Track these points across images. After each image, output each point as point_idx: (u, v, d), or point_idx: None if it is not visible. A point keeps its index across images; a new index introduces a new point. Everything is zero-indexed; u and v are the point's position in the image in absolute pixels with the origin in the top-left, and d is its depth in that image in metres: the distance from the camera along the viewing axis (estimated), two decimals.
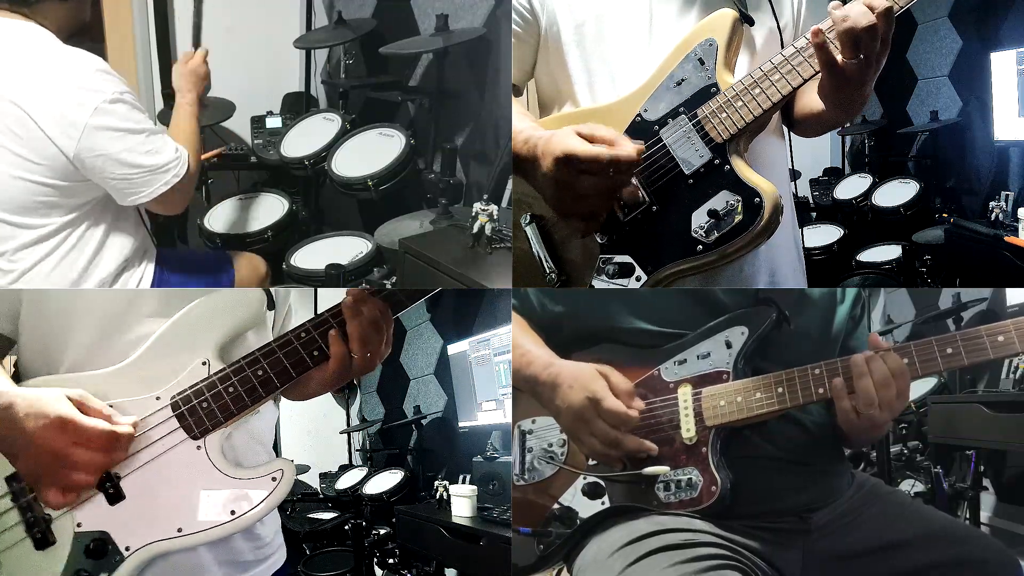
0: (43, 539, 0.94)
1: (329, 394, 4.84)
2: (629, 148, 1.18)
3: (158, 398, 0.99)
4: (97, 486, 0.96)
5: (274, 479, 1.00)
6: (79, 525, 0.95)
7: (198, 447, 0.99)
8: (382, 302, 1.02)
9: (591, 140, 1.19)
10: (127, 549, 0.95)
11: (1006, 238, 2.58)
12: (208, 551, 1.03)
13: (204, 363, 1.01)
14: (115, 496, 0.96)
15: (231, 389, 0.99)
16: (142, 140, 1.64)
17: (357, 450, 4.74)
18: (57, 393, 0.94)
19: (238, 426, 1.02)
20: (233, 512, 0.98)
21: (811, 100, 1.29)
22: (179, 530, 0.96)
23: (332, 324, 1.01)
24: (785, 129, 1.43)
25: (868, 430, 1.14)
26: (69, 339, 1.02)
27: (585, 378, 1.21)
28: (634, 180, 1.24)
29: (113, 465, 0.96)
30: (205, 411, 0.99)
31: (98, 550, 0.94)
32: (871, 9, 1.07)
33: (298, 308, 1.27)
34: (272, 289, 1.14)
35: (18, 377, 1.02)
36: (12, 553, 0.94)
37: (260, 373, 1.00)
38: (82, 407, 0.95)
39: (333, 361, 1.01)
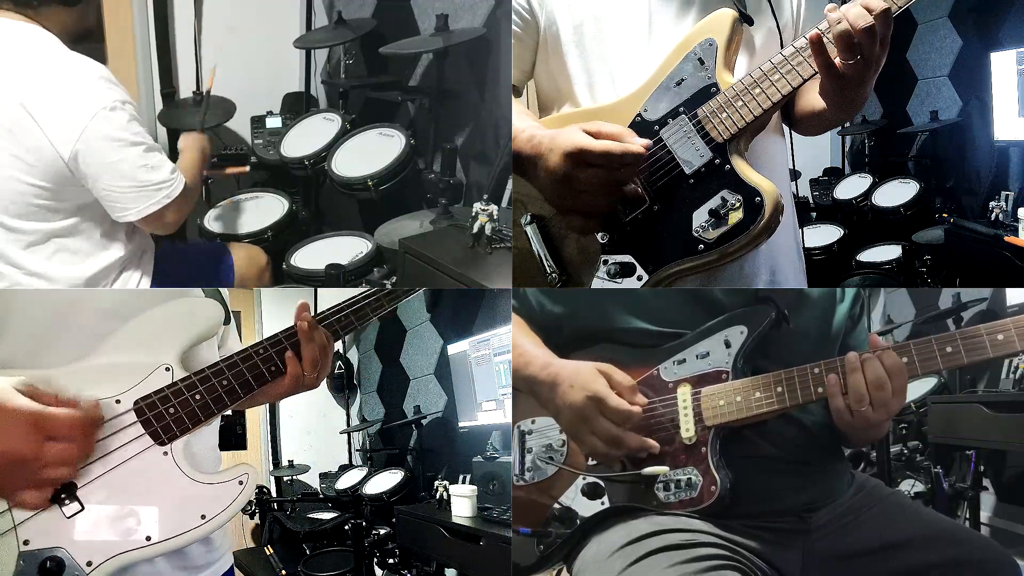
0: None
1: (329, 394, 4.86)
2: (636, 143, 1.19)
3: (118, 401, 0.95)
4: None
5: (241, 482, 0.99)
6: (26, 543, 0.87)
7: (164, 453, 0.96)
8: (326, 330, 1.09)
9: (597, 137, 1.19)
10: (89, 564, 0.89)
11: (1006, 238, 2.58)
12: (165, 558, 0.99)
13: (167, 369, 0.99)
14: (72, 507, 0.90)
15: (198, 397, 0.99)
16: (139, 153, 1.64)
17: (357, 450, 4.75)
18: (6, 385, 0.85)
19: (197, 433, 1.01)
20: (204, 516, 0.96)
21: (812, 99, 1.29)
22: (148, 538, 0.92)
23: (286, 344, 1.06)
24: (786, 128, 1.43)
25: (864, 429, 1.13)
26: (3, 330, 0.96)
27: (585, 377, 1.21)
28: (635, 179, 1.24)
29: (87, 452, 0.90)
30: (173, 417, 0.97)
31: (54, 569, 0.87)
32: (868, 11, 1.07)
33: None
34: (227, 301, 1.15)
35: None
36: None
37: (225, 383, 1.01)
38: (35, 396, 0.87)
39: (288, 378, 1.07)
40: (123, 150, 1.61)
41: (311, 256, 2.37)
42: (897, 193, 3.35)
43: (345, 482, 3.77)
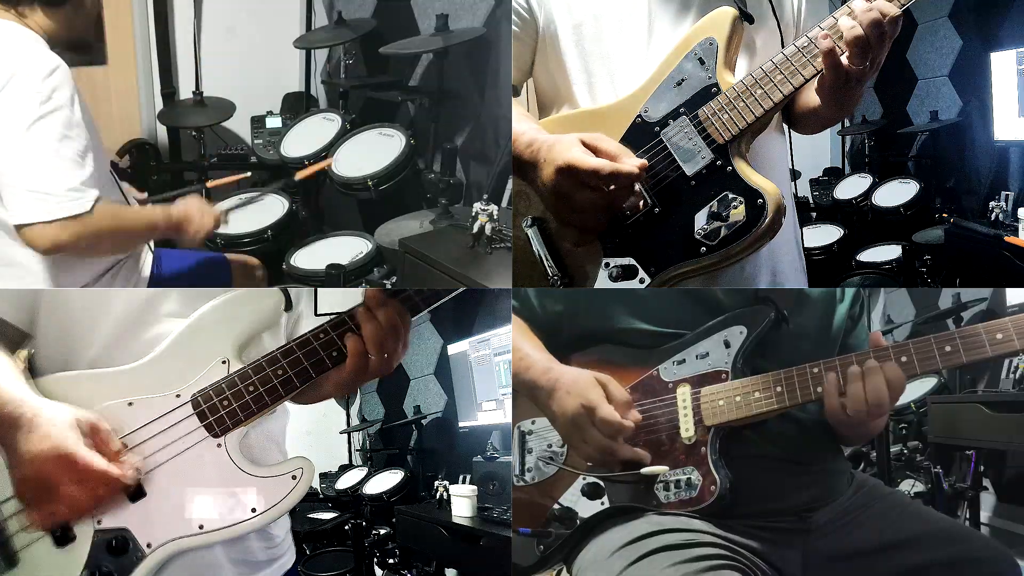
0: (63, 536, 0.94)
1: None
2: (631, 164, 1.17)
3: (178, 396, 1.00)
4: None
5: (294, 477, 1.00)
6: (99, 522, 0.95)
7: (218, 445, 0.99)
8: (400, 305, 1.02)
9: (595, 152, 1.18)
10: (148, 546, 0.95)
11: (1006, 238, 2.58)
12: (222, 549, 1.02)
13: (224, 362, 1.01)
14: (136, 493, 0.96)
15: (251, 388, 1.00)
16: (51, 151, 1.40)
17: (357, 450, 4.74)
18: (68, 419, 0.92)
19: (254, 426, 1.02)
20: (254, 510, 0.98)
21: (810, 97, 1.29)
22: (200, 527, 0.97)
23: (350, 325, 1.02)
24: (786, 128, 1.43)
25: (856, 427, 1.14)
26: (90, 337, 1.02)
27: (582, 385, 1.20)
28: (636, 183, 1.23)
29: (100, 508, 0.95)
30: (226, 410, 0.99)
31: (120, 547, 0.94)
32: (881, 15, 1.07)
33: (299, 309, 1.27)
34: (290, 291, 1.13)
35: (33, 371, 1.01)
36: (32, 550, 0.93)
37: (280, 372, 1.00)
38: (94, 432, 0.94)
39: (350, 362, 1.01)
40: (22, 136, 1.38)
41: (311, 256, 2.37)
42: (897, 193, 3.35)
43: (345, 482, 3.77)
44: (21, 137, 1.39)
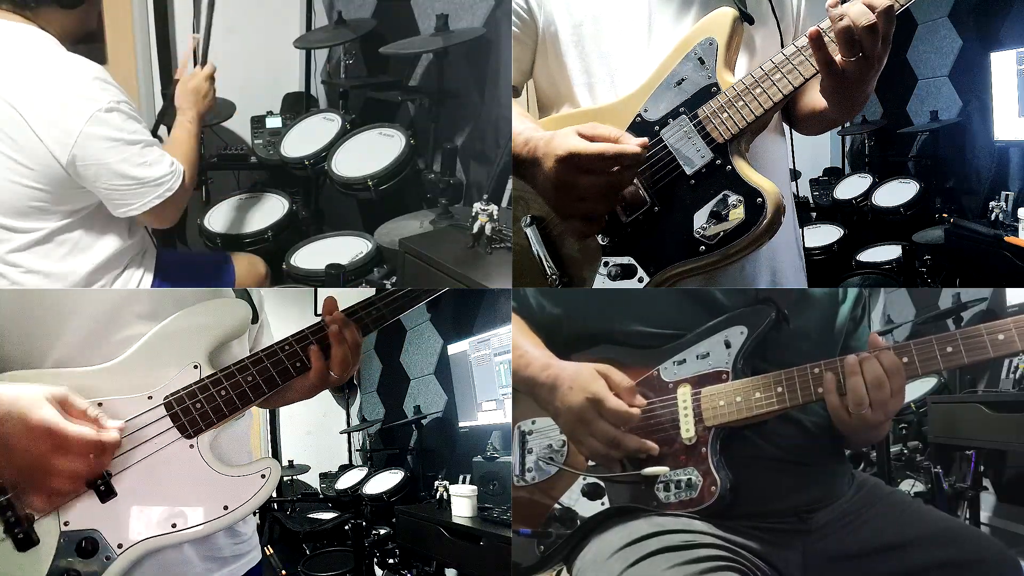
0: (25, 539, 0.91)
1: (329, 394, 4.87)
2: (633, 143, 1.18)
3: (150, 397, 1.01)
4: (87, 484, 0.94)
5: (263, 476, 1.04)
6: (66, 524, 0.94)
7: (191, 446, 1.02)
8: (356, 326, 1.11)
9: (592, 140, 1.19)
10: (119, 546, 0.96)
11: (1006, 238, 2.58)
12: (191, 547, 1.05)
13: (195, 367, 1.04)
14: (106, 494, 0.96)
15: (223, 392, 1.04)
16: (137, 151, 1.63)
17: (357, 450, 4.74)
18: (38, 394, 0.91)
19: (223, 428, 1.06)
20: (226, 507, 1.01)
21: (813, 98, 1.29)
22: (173, 526, 0.98)
23: (312, 340, 1.09)
24: (786, 128, 1.43)
25: (862, 430, 1.13)
26: (56, 337, 1.01)
27: (584, 379, 1.21)
28: (635, 181, 1.24)
29: (96, 473, 0.94)
30: (198, 412, 1.02)
31: (89, 548, 0.94)
32: (871, 8, 1.07)
33: (298, 308, 1.29)
34: (255, 299, 1.18)
35: None
36: None
37: (250, 379, 1.05)
38: (65, 406, 0.93)
39: (313, 374, 1.09)
40: (121, 150, 1.60)
41: (311, 256, 2.37)
42: (897, 193, 3.35)
43: (345, 482, 3.77)
44: (114, 145, 1.59)
